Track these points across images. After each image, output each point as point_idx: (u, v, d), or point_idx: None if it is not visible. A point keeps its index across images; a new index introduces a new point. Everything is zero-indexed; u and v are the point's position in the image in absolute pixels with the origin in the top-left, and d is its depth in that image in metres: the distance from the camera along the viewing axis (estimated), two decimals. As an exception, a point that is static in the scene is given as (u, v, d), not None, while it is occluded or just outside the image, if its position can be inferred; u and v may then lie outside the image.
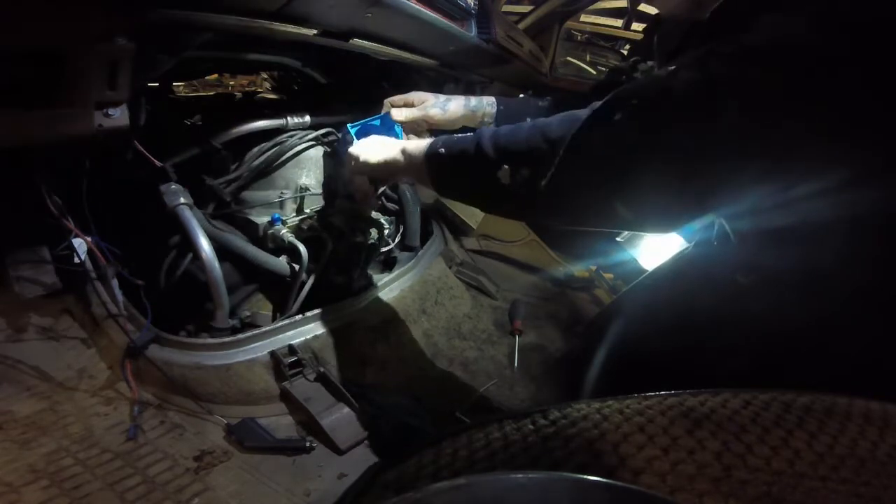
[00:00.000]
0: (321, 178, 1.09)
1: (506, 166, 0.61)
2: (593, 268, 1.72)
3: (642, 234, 1.55)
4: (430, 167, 0.72)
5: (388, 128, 0.98)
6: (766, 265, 0.66)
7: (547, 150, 0.59)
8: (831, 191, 0.53)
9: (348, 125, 0.92)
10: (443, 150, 0.70)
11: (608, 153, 0.56)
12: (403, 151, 0.77)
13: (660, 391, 0.44)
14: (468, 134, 0.69)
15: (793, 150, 0.52)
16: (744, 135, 0.51)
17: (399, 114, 0.96)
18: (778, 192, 0.55)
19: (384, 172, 0.81)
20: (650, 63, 0.93)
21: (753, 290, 0.68)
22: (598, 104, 0.58)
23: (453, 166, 0.71)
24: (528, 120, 0.67)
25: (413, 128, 0.99)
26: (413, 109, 0.96)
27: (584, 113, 0.59)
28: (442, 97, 0.98)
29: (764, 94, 0.49)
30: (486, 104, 1.01)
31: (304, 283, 0.99)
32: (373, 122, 0.96)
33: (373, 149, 0.80)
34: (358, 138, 0.90)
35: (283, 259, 1.00)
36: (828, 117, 0.50)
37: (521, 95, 1.96)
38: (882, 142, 0.51)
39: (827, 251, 0.59)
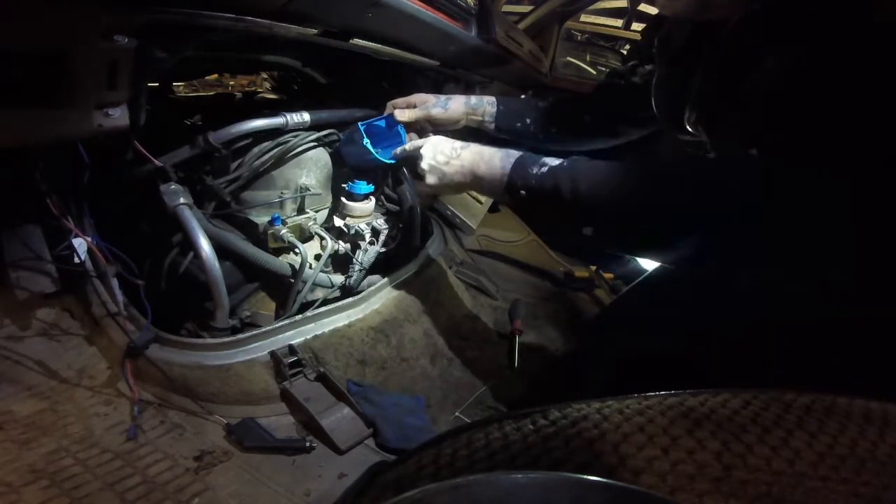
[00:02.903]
0: (321, 178, 1.09)
1: (590, 228, 0.68)
2: (593, 268, 1.72)
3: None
4: (515, 201, 0.75)
5: (391, 128, 0.99)
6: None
7: (630, 230, 0.67)
8: (829, 193, 0.54)
9: (359, 124, 0.93)
10: (524, 192, 0.73)
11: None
12: (476, 175, 0.78)
13: (660, 391, 0.44)
14: (544, 169, 0.71)
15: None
16: None
17: (402, 115, 0.97)
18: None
19: (456, 191, 0.82)
20: (648, 67, 0.93)
21: (753, 291, 0.68)
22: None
23: (539, 214, 0.78)
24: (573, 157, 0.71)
25: (416, 128, 1.00)
26: (415, 110, 0.97)
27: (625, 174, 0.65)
28: (443, 97, 0.99)
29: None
30: (487, 103, 1.01)
31: (304, 283, 0.98)
32: (378, 123, 0.97)
33: (444, 169, 0.80)
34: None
35: (282, 259, 1.00)
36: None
37: (522, 96, 1.96)
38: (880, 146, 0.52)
39: (824, 253, 0.60)
